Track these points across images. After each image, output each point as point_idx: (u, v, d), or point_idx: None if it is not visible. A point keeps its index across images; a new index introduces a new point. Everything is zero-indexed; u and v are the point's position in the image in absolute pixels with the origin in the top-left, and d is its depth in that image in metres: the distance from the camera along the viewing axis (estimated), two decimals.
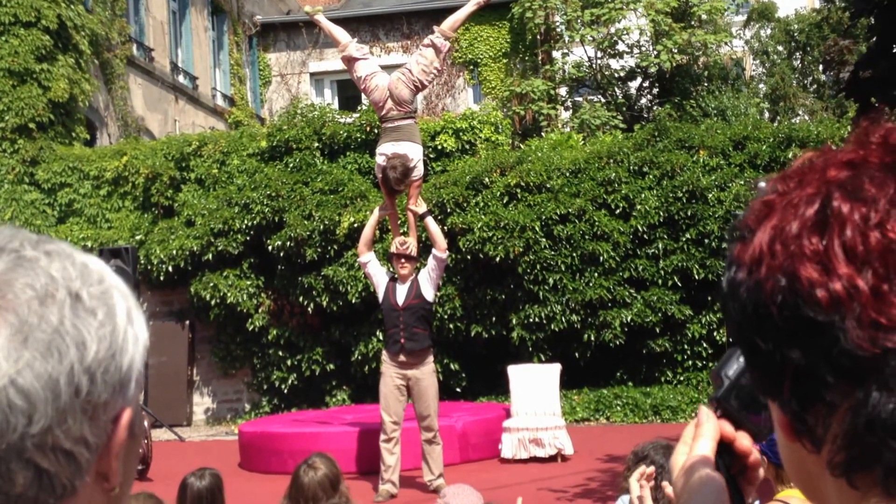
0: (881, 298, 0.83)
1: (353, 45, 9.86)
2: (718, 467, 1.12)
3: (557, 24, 22.41)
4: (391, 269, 9.83)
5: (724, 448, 1.15)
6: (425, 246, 10.47)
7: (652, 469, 3.26)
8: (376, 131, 11.16)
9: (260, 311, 15.63)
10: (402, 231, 10.17)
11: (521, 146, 17.52)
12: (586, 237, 14.52)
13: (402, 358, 9.26)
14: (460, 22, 9.97)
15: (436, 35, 9.77)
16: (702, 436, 1.15)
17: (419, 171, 9.59)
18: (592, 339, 14.50)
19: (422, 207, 9.72)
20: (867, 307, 0.83)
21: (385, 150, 9.49)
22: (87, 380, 0.86)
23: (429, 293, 9.43)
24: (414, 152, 9.49)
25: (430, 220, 9.69)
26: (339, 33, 10.05)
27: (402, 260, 9.44)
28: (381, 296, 9.49)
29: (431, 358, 9.47)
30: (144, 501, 4.29)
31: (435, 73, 9.85)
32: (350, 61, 9.86)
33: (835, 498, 0.89)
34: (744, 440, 1.16)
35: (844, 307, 0.83)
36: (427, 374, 9.32)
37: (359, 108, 17.65)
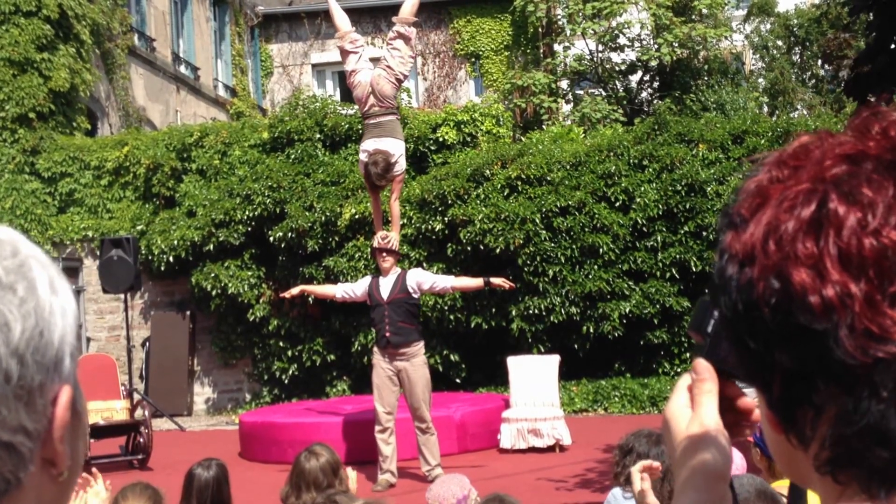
0: (874, 307, 0.81)
1: (349, 37, 9.95)
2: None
3: (559, 17, 22.45)
4: (373, 271, 9.94)
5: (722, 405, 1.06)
6: (414, 241, 10.57)
7: (657, 464, 3.25)
8: None
9: (261, 301, 15.69)
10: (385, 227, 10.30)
11: (522, 139, 17.57)
12: (586, 229, 14.57)
13: (389, 351, 9.33)
14: (417, 5, 10.07)
15: (398, 25, 9.89)
16: (705, 393, 1.05)
17: (401, 167, 9.69)
18: (591, 330, 14.56)
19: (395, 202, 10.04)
20: (860, 315, 0.81)
21: (367, 146, 9.62)
22: (15, 363, 0.79)
23: (417, 287, 9.45)
24: (396, 148, 9.59)
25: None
26: (341, 19, 10.13)
27: (384, 254, 9.50)
28: (367, 296, 9.55)
29: (421, 350, 9.49)
30: (141, 493, 4.32)
31: (411, 62, 10.05)
32: (343, 53, 10.01)
33: (819, 486, 0.89)
34: (737, 393, 1.08)
35: (837, 314, 0.82)
36: (417, 366, 9.35)
37: None
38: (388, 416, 9.38)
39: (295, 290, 10.23)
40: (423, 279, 9.54)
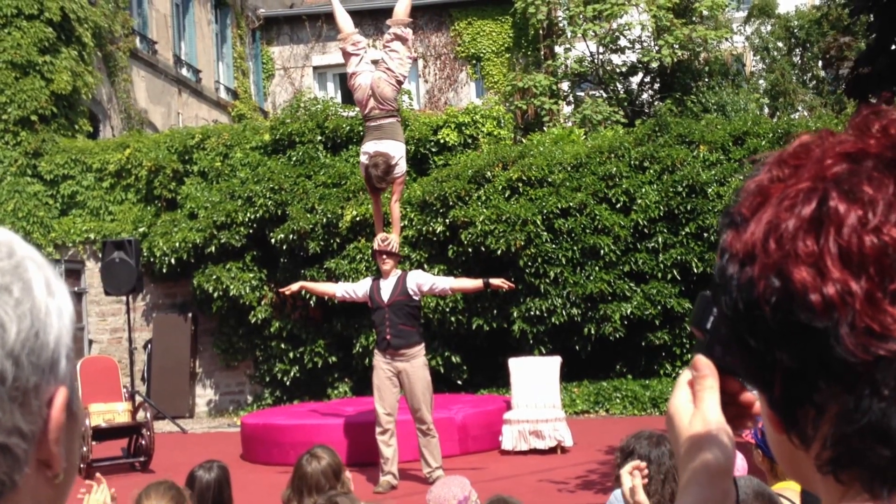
0: (875, 305, 0.81)
1: (351, 39, 9.98)
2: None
3: (560, 19, 22.47)
4: (374, 273, 9.95)
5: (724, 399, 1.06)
6: (415, 243, 10.60)
7: (643, 464, 3.28)
8: None
9: (262, 303, 15.70)
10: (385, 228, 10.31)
11: (523, 140, 17.59)
12: (587, 231, 14.58)
13: (389, 353, 9.37)
14: (410, 5, 10.10)
15: (395, 27, 9.90)
16: (707, 389, 1.05)
17: (401, 169, 9.71)
18: (592, 332, 14.57)
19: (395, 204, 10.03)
20: (861, 313, 0.81)
21: (368, 148, 9.65)
22: (10, 364, 0.79)
23: (414, 287, 9.49)
24: (396, 150, 9.62)
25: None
26: (344, 21, 10.15)
27: (384, 256, 9.55)
28: (367, 298, 9.60)
29: (422, 351, 9.54)
30: (165, 492, 4.33)
31: (410, 62, 10.10)
32: (345, 55, 10.05)
33: (821, 487, 0.89)
34: (737, 388, 1.07)
35: (838, 312, 0.81)
36: (417, 367, 9.39)
37: None
38: (389, 418, 9.41)
39: (294, 286, 10.24)
40: (422, 281, 9.57)
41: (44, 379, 0.82)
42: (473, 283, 9.88)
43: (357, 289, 9.76)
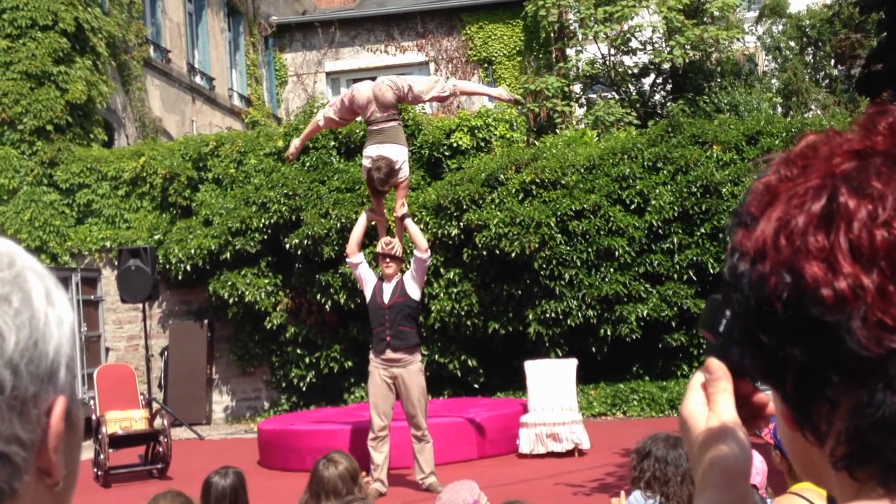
0: (887, 298, 0.81)
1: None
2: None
3: (571, 21, 22.46)
4: (378, 271, 9.90)
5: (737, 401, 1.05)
6: (430, 246, 10.50)
7: None
8: None
9: (278, 309, 15.73)
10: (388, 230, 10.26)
11: (536, 143, 17.58)
12: (601, 232, 14.57)
13: (388, 355, 9.37)
14: (471, 91, 10.68)
15: (452, 85, 9.93)
16: (721, 391, 1.04)
17: (404, 173, 9.70)
18: (608, 333, 14.55)
19: (402, 210, 9.81)
20: (873, 307, 0.81)
21: (370, 152, 9.65)
22: (9, 374, 0.80)
23: (414, 292, 9.53)
24: (398, 154, 9.61)
25: (409, 222, 9.82)
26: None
27: (387, 259, 9.58)
28: (368, 295, 9.61)
29: (418, 356, 9.57)
30: (173, 500, 4.35)
31: (420, 101, 10.02)
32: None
33: (835, 484, 0.90)
34: (750, 389, 1.06)
35: (850, 306, 0.82)
36: (413, 372, 9.42)
37: None
38: (383, 425, 9.43)
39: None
40: (410, 277, 9.57)
41: (42, 388, 0.82)
42: (413, 229, 9.70)
43: (367, 275, 9.72)
